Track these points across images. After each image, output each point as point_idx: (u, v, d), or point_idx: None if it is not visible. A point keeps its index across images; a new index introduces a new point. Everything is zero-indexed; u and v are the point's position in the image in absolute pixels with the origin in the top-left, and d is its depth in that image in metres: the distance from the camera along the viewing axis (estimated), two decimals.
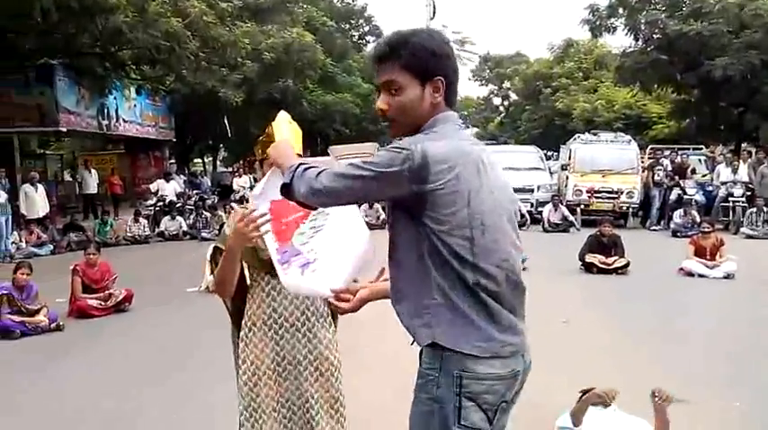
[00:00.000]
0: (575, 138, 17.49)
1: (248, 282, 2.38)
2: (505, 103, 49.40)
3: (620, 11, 20.92)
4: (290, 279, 2.13)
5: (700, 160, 17.64)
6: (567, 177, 15.82)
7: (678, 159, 16.07)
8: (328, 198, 1.77)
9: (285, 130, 2.27)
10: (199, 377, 5.01)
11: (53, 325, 6.54)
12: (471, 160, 1.74)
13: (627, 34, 21.55)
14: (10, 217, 11.98)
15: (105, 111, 17.37)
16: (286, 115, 2.37)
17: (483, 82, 49.43)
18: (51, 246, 12.45)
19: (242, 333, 2.39)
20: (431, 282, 1.72)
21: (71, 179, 20.92)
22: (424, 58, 1.75)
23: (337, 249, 2.12)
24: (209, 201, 15.74)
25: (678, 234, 12.73)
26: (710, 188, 15.04)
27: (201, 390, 4.65)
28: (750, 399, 4.25)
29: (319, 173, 1.75)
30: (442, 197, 1.69)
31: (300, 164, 1.79)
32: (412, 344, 1.80)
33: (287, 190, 1.79)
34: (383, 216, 15.51)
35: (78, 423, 4.18)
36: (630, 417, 3.35)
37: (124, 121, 18.58)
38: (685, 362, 5.06)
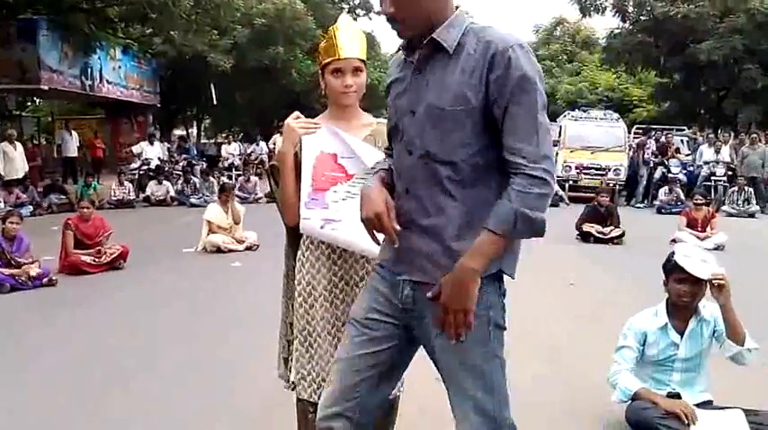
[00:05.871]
0: (565, 115, 17.49)
1: None
2: None
3: None
4: (308, 224, 2.18)
5: (682, 141, 17.87)
6: (557, 153, 15.68)
7: (663, 139, 16.26)
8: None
9: (346, 37, 2.16)
10: (207, 330, 4.90)
11: (45, 279, 6.34)
12: None
13: (614, 15, 21.64)
14: None
15: (89, 71, 16.81)
16: (348, 18, 2.24)
17: None
18: (31, 208, 12.10)
19: (299, 253, 2.29)
20: None
21: (47, 143, 20.38)
22: None
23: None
24: (198, 167, 15.41)
25: (663, 211, 12.86)
26: (692, 168, 15.28)
27: (213, 344, 4.56)
28: None
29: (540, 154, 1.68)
30: None
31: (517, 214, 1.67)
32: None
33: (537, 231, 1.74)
34: None
35: (78, 379, 3.95)
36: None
37: (107, 83, 17.98)
38: None
